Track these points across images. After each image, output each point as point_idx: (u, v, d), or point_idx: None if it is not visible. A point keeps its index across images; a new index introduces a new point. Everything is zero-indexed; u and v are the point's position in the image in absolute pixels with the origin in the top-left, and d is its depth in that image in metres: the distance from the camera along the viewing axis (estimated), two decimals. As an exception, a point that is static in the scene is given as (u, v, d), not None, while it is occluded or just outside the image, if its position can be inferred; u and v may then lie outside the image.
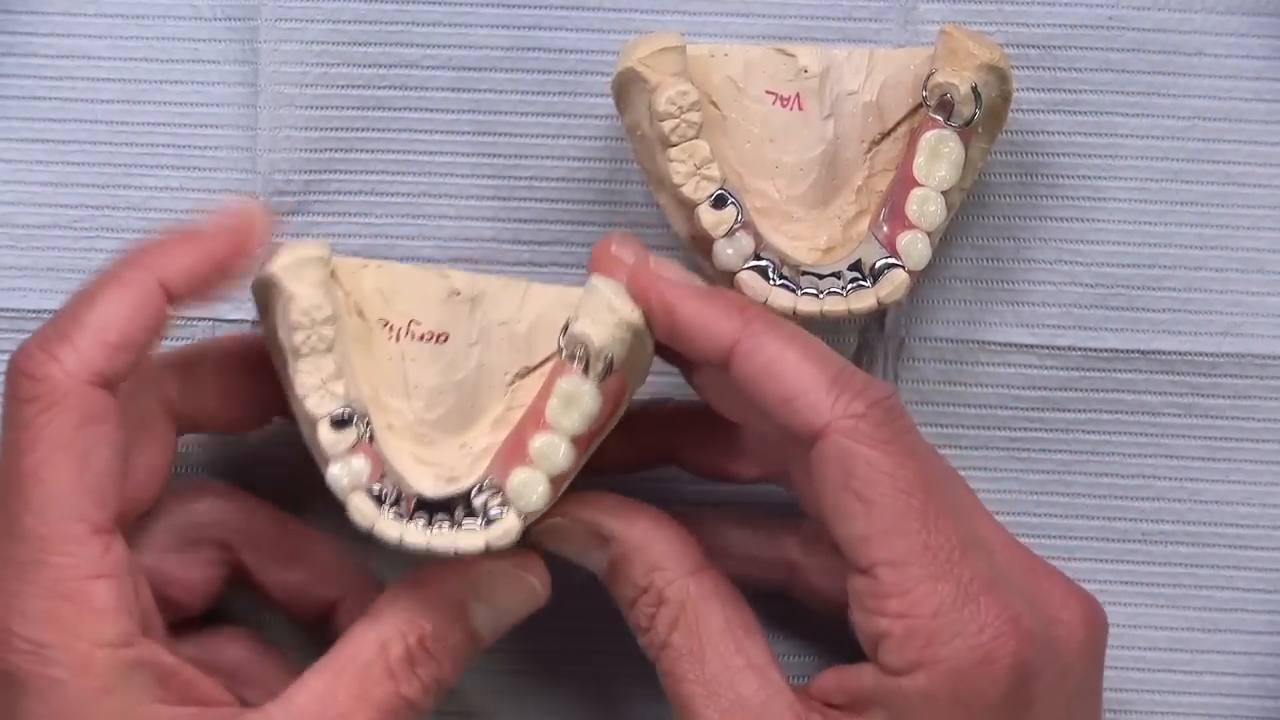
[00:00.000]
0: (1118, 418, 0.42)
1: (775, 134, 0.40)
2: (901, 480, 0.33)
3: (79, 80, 0.42)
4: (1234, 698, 0.43)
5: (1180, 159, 0.42)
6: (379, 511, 0.36)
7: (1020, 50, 0.41)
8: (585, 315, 0.36)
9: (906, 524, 0.33)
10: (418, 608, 0.36)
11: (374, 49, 0.41)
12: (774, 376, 0.34)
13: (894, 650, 0.33)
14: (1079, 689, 0.35)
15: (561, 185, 0.41)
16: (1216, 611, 0.43)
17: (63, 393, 0.34)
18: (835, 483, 0.34)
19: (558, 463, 0.36)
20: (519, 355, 0.38)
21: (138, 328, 0.34)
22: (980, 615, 0.33)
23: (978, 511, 0.36)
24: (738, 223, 0.39)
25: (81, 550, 0.33)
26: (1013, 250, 0.42)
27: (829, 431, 0.34)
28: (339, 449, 0.36)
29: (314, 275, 0.36)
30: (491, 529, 0.36)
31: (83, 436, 0.34)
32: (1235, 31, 0.42)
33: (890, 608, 0.33)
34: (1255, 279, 0.42)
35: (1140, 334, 0.42)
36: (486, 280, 0.39)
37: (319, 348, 0.36)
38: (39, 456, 0.33)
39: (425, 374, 0.38)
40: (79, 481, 0.33)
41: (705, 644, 0.35)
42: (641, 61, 0.38)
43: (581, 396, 0.36)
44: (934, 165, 0.39)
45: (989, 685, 0.33)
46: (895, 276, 0.39)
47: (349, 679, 0.35)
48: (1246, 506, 0.43)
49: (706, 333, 0.35)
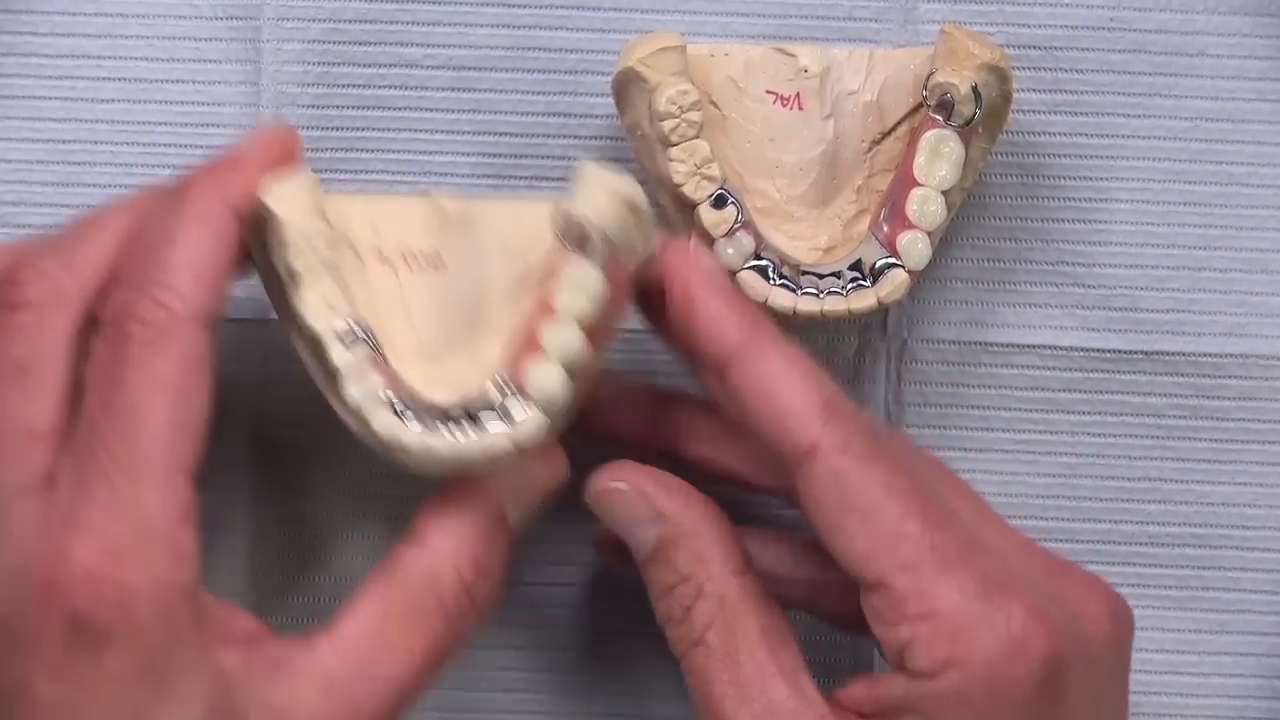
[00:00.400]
0: (1122, 419, 0.42)
1: (775, 134, 0.40)
2: (896, 487, 0.33)
3: (80, 80, 0.42)
4: (1241, 699, 0.43)
5: (1183, 159, 0.42)
6: (401, 423, 0.35)
7: (1021, 50, 0.42)
8: (582, 198, 0.36)
9: (907, 527, 0.33)
10: (463, 529, 0.35)
11: (375, 48, 0.42)
12: (771, 391, 0.34)
13: (922, 654, 0.32)
14: (1107, 682, 0.34)
15: (562, 186, 0.41)
16: (1224, 613, 0.43)
17: (171, 333, 0.33)
18: (830, 502, 0.33)
19: (572, 350, 0.35)
20: (516, 269, 0.38)
21: (225, 262, 0.34)
22: (1006, 606, 0.32)
23: (986, 518, 0.36)
24: (738, 222, 0.39)
25: (174, 493, 0.32)
26: (1014, 251, 0.42)
27: (819, 450, 0.33)
28: (353, 366, 0.35)
29: (306, 201, 0.36)
30: (517, 428, 0.35)
31: (184, 377, 0.33)
32: (1237, 32, 0.42)
33: (910, 612, 0.33)
34: (1259, 279, 0.42)
35: (1144, 335, 0.42)
36: (476, 200, 0.39)
37: (318, 270, 0.36)
38: (145, 394, 0.33)
39: (424, 298, 0.38)
40: (178, 425, 0.33)
41: (741, 646, 0.34)
42: (641, 61, 0.38)
43: (587, 279, 0.36)
44: (934, 165, 0.39)
45: (1025, 677, 0.32)
46: (895, 276, 0.39)
47: (399, 611, 0.34)
48: (1253, 508, 0.43)
49: (716, 333, 0.35)
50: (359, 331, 0.36)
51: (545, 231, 0.37)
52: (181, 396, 0.33)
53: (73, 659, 0.32)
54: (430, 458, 0.35)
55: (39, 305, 0.34)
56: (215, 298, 0.34)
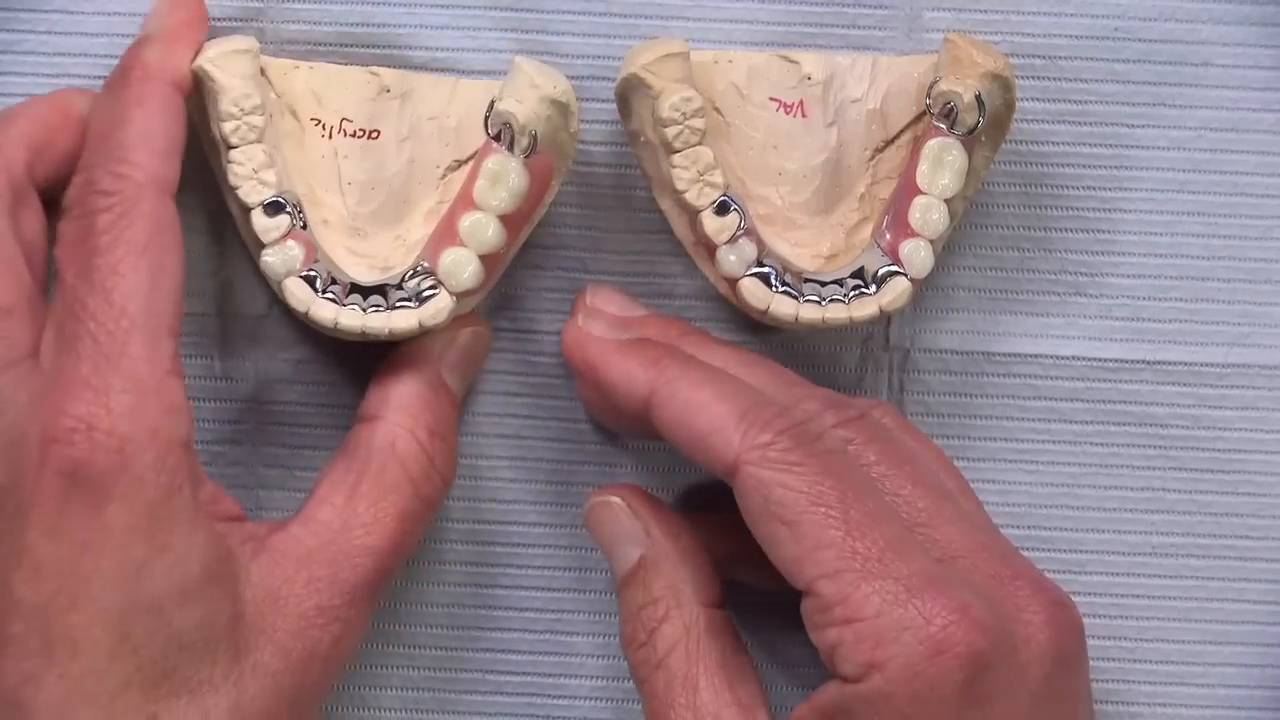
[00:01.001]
0: (1125, 429, 0.43)
1: (778, 141, 0.40)
2: (817, 496, 0.34)
3: (78, 79, 0.42)
4: (1246, 710, 0.43)
5: (1187, 169, 0.42)
6: (314, 294, 0.38)
7: (1025, 59, 0.42)
8: (509, 93, 0.38)
9: (829, 535, 0.34)
10: (411, 399, 0.37)
11: (379, 51, 0.42)
12: (688, 419, 0.35)
13: (847, 657, 0.33)
14: (1043, 691, 0.35)
15: (564, 190, 0.41)
16: (1227, 624, 0.43)
17: (135, 200, 0.35)
18: (758, 512, 0.34)
19: (487, 241, 0.38)
20: (449, 149, 0.40)
21: (176, 133, 0.36)
22: (926, 607, 0.33)
23: (945, 515, 0.36)
24: (740, 229, 0.39)
25: (161, 346, 0.34)
26: (1017, 260, 0.43)
27: (740, 464, 0.35)
28: (272, 235, 0.38)
29: (242, 67, 0.38)
30: (424, 308, 0.38)
31: (157, 241, 0.35)
32: (1242, 41, 0.42)
33: (835, 616, 0.34)
34: (1263, 289, 0.42)
35: (1147, 344, 0.43)
36: (416, 77, 0.40)
37: (249, 137, 0.38)
38: (118, 256, 0.34)
39: (357, 170, 0.40)
40: (155, 283, 0.34)
41: (701, 674, 0.35)
42: (645, 68, 0.38)
43: (508, 173, 0.38)
44: (937, 173, 0.39)
45: (943, 677, 0.33)
46: (898, 284, 0.39)
47: (367, 486, 0.36)
48: (1256, 518, 0.43)
49: (627, 387, 0.37)
50: (284, 201, 0.38)
51: (479, 114, 0.39)
52: (155, 257, 0.34)
53: (71, 515, 0.33)
54: (338, 331, 0.38)
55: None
56: (171, 166, 0.36)
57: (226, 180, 0.38)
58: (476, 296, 0.40)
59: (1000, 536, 0.38)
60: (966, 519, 0.37)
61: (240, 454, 0.43)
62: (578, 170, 0.41)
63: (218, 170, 0.39)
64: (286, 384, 0.43)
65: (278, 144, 0.39)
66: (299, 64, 0.40)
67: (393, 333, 0.38)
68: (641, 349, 0.38)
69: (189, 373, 0.42)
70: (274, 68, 0.40)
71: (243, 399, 0.42)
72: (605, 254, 0.42)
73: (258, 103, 0.38)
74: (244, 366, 0.42)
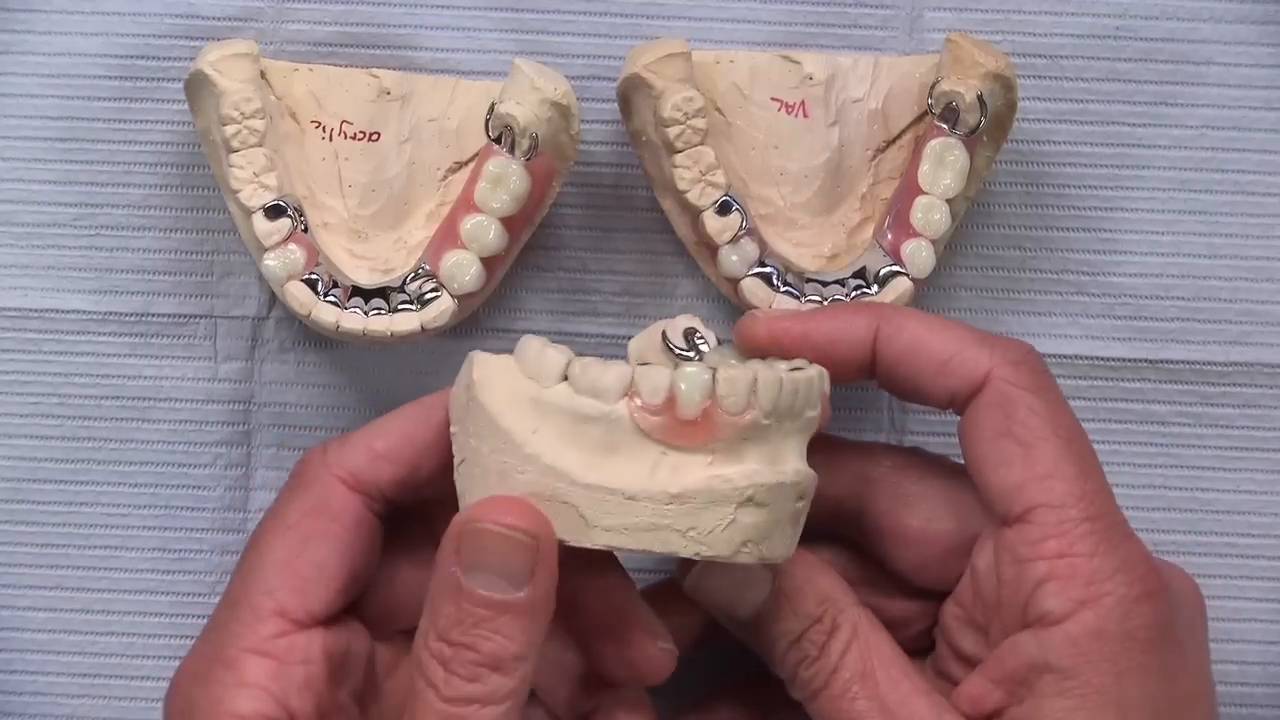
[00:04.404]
0: (1126, 427, 0.44)
1: (780, 141, 0.41)
2: (1060, 426, 0.35)
3: (79, 79, 0.43)
4: (1248, 707, 0.44)
5: (1189, 168, 0.43)
6: (315, 298, 0.39)
7: (1027, 59, 0.43)
8: (509, 96, 0.39)
9: (1064, 468, 0.35)
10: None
11: (380, 52, 0.43)
12: (924, 347, 0.36)
13: (1056, 593, 0.34)
14: (1202, 639, 0.36)
15: (565, 191, 0.42)
16: (1230, 621, 0.44)
17: (309, 480, 0.36)
18: (994, 429, 0.35)
19: (489, 243, 0.39)
20: (450, 151, 0.41)
21: (410, 443, 0.36)
22: (1133, 554, 0.35)
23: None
24: (742, 229, 0.40)
25: (256, 624, 0.35)
26: (1018, 259, 0.44)
27: (991, 379, 0.35)
28: (273, 239, 0.39)
29: (243, 70, 0.39)
30: (426, 310, 0.39)
31: (309, 524, 0.35)
32: (1244, 40, 0.43)
33: (1048, 549, 0.34)
34: (1264, 288, 0.43)
35: (1148, 343, 0.44)
36: (416, 79, 0.41)
37: (250, 141, 0.38)
38: (266, 528, 0.36)
39: (358, 172, 0.41)
40: (287, 562, 0.35)
41: (878, 666, 0.36)
42: (647, 68, 0.39)
43: (509, 176, 0.39)
44: (939, 173, 0.40)
45: (1153, 617, 0.34)
46: (899, 284, 0.40)
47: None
48: (1258, 515, 0.44)
49: (846, 336, 0.37)
50: (285, 205, 0.39)
51: (481, 118, 0.40)
52: (302, 541, 0.35)
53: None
54: (340, 334, 0.39)
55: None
56: (376, 468, 0.36)
57: (227, 183, 0.39)
58: (478, 298, 0.41)
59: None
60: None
61: (240, 455, 0.44)
62: (579, 171, 0.42)
63: (218, 173, 0.40)
64: (286, 384, 0.44)
65: (278, 147, 0.40)
66: (299, 67, 0.41)
67: (394, 335, 0.39)
68: (845, 305, 0.38)
69: (189, 374, 0.43)
70: (274, 70, 0.41)
71: (243, 399, 0.44)
72: (606, 254, 0.43)
73: (259, 106, 0.39)
74: (244, 367, 0.44)
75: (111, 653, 0.44)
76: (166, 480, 0.44)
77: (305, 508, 0.36)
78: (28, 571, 0.44)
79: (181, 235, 0.43)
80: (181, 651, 0.36)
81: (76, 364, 0.43)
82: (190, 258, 0.43)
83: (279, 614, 0.35)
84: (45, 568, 0.44)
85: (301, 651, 0.35)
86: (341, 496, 0.36)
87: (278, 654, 0.35)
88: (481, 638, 0.33)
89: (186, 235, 0.43)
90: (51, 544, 0.44)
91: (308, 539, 0.35)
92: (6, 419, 0.43)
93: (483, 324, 0.44)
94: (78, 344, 0.43)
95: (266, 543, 0.35)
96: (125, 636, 0.44)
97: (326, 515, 0.35)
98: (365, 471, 0.36)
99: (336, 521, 0.35)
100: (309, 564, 0.35)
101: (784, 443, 0.34)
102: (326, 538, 0.35)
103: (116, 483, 0.44)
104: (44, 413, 0.43)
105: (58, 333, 0.43)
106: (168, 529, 0.44)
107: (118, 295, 0.43)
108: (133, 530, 0.44)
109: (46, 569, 0.44)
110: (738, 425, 0.33)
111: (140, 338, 0.43)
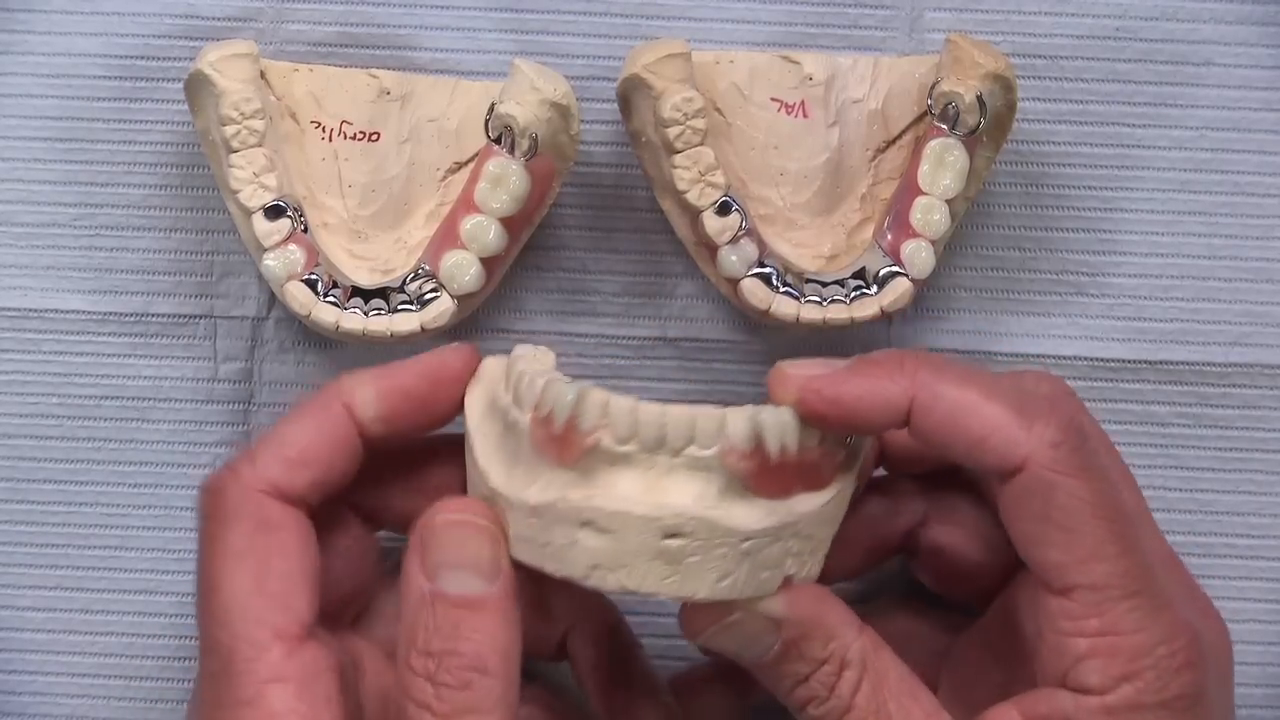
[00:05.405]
0: (1126, 428, 0.44)
1: (780, 141, 0.42)
2: (1101, 509, 0.35)
3: (79, 79, 0.43)
4: (1247, 709, 0.44)
5: (1188, 169, 0.44)
6: (315, 298, 0.39)
7: (1026, 60, 0.43)
8: (509, 96, 0.39)
9: (1106, 549, 0.35)
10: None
11: (380, 52, 0.43)
12: (960, 422, 0.35)
13: (1097, 670, 0.35)
14: (1228, 691, 0.37)
15: (565, 191, 0.42)
16: (1230, 622, 0.42)
17: (236, 504, 0.36)
18: (1034, 512, 0.35)
19: (489, 243, 0.39)
20: (449, 151, 0.41)
21: (318, 445, 0.36)
22: (1174, 623, 0.35)
23: (1146, 522, 0.38)
24: (742, 229, 0.41)
25: (262, 656, 0.35)
26: (1019, 260, 0.44)
27: (1028, 465, 0.35)
28: (273, 239, 0.39)
29: (242, 71, 0.39)
30: (426, 310, 0.39)
31: (258, 545, 0.35)
32: (1244, 41, 0.43)
33: (1090, 628, 0.35)
34: (1264, 289, 0.44)
35: (1148, 344, 0.44)
36: (415, 79, 0.42)
37: (250, 141, 0.39)
38: (217, 567, 0.35)
39: (358, 172, 0.41)
40: (258, 588, 0.35)
41: (888, 697, 0.36)
42: (647, 68, 0.40)
43: (509, 176, 0.39)
44: (938, 174, 0.40)
45: (1190, 686, 0.34)
46: (899, 285, 0.41)
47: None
48: (1257, 517, 0.44)
49: (878, 402, 0.35)
50: (285, 205, 0.39)
51: (481, 118, 0.40)
52: (260, 564, 0.35)
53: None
54: (340, 334, 0.39)
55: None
56: (294, 476, 0.36)
57: (227, 184, 0.40)
58: (478, 299, 0.41)
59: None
60: (1153, 522, 0.38)
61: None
62: (578, 171, 0.43)
63: (218, 173, 0.40)
64: (286, 384, 0.44)
65: (278, 147, 0.40)
66: (299, 67, 0.41)
67: (394, 335, 0.39)
68: (876, 362, 0.36)
69: (189, 374, 0.44)
70: (274, 71, 0.41)
71: (243, 400, 0.44)
72: (606, 254, 0.44)
73: (258, 106, 0.39)
74: (244, 367, 0.44)
75: (111, 653, 0.44)
76: (166, 480, 0.44)
77: (247, 531, 0.35)
78: (28, 571, 0.44)
79: (181, 235, 0.44)
80: (182, 651, 0.36)
81: (76, 364, 0.44)
82: (190, 258, 0.44)
83: (279, 637, 0.35)
84: (45, 568, 0.44)
85: (313, 666, 0.35)
86: (277, 509, 0.36)
87: (295, 676, 0.34)
88: (462, 639, 0.33)
89: (186, 235, 0.44)
90: (51, 544, 0.44)
91: (266, 558, 0.35)
92: (6, 419, 0.44)
93: (483, 324, 0.44)
94: (77, 344, 0.44)
95: (224, 580, 0.35)
96: (125, 636, 0.44)
97: (270, 530, 0.36)
98: (285, 480, 0.36)
99: (283, 532, 0.36)
100: (279, 579, 0.35)
101: (667, 476, 0.33)
102: (283, 550, 0.35)
103: (116, 483, 0.44)
104: (44, 413, 0.44)
105: (57, 333, 0.44)
106: (168, 529, 0.44)
107: (117, 295, 0.44)
108: (133, 530, 0.44)
109: (46, 569, 0.44)
110: (584, 446, 0.33)
111: (140, 338, 0.44)
